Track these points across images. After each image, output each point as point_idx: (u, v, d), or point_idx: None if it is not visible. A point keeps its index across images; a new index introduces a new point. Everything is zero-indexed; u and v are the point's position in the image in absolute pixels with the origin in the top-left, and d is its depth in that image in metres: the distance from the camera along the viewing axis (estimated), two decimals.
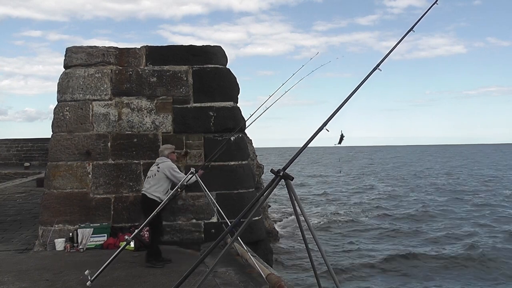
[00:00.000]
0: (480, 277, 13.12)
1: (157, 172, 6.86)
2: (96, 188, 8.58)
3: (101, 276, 5.71)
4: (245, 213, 3.39)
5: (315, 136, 3.30)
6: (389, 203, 28.68)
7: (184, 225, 8.61)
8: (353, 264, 14.17)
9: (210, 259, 5.31)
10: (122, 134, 8.76)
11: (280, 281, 5.02)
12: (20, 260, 7.36)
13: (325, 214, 24.20)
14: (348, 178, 50.72)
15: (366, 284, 12.32)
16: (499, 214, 23.53)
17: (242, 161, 9.06)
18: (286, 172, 3.18)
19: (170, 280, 5.78)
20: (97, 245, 8.09)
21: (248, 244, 7.27)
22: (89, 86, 8.76)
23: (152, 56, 8.95)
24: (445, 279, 12.79)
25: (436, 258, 14.87)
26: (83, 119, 8.71)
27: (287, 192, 3.25)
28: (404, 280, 12.61)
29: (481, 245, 16.26)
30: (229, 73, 9.24)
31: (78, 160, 8.61)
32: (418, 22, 3.89)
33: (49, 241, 8.12)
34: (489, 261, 14.53)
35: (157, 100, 8.85)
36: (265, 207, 16.36)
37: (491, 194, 32.07)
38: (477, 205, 26.84)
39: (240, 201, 8.63)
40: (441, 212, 24.61)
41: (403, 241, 17.59)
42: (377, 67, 3.53)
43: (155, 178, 6.84)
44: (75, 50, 8.87)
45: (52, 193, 8.54)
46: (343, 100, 3.45)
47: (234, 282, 5.83)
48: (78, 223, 8.35)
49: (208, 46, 9.18)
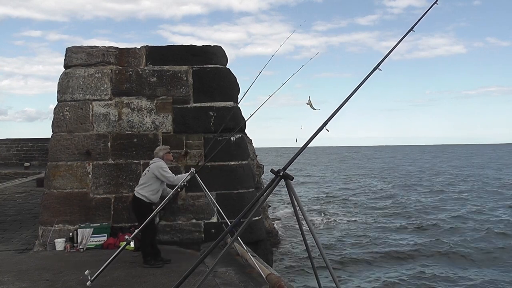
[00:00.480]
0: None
1: (147, 172, 6.90)
2: (96, 188, 8.58)
3: (101, 276, 5.71)
4: (245, 213, 3.38)
5: (315, 136, 3.30)
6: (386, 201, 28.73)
7: (184, 225, 8.61)
8: (353, 264, 14.19)
9: (210, 259, 5.31)
10: (122, 134, 8.76)
11: (280, 281, 5.02)
12: (20, 260, 7.36)
13: (325, 214, 24.22)
14: (342, 178, 50.75)
15: (366, 283, 12.32)
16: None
17: (242, 161, 9.06)
18: (286, 172, 3.18)
19: (170, 280, 5.77)
20: (97, 245, 8.09)
21: (248, 244, 7.27)
22: (89, 86, 8.76)
23: (152, 56, 8.95)
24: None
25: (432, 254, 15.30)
26: (83, 119, 8.71)
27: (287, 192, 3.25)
28: (403, 281, 12.61)
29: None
30: (229, 73, 9.24)
31: (78, 160, 8.61)
32: (418, 22, 3.89)
33: (49, 241, 8.12)
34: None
35: (157, 100, 8.85)
36: (265, 207, 16.36)
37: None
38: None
39: (240, 201, 8.63)
40: (416, 208, 25.75)
41: (403, 239, 17.60)
42: (377, 67, 3.53)
43: (145, 177, 6.89)
44: (75, 50, 8.87)
45: (52, 193, 8.54)
46: (343, 100, 3.45)
47: (234, 282, 5.82)
48: (78, 223, 8.35)
49: (208, 46, 9.18)
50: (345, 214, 24.27)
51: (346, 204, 28.82)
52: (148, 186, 6.77)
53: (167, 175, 6.77)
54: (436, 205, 27.14)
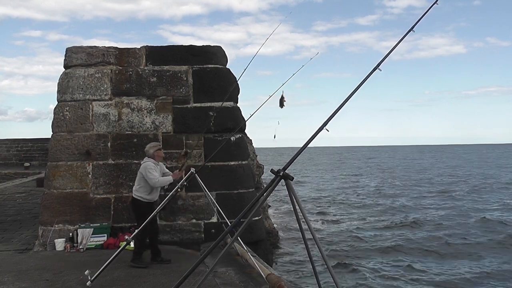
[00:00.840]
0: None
1: (139, 172, 6.91)
2: (96, 188, 8.58)
3: (101, 276, 5.71)
4: (245, 213, 3.39)
5: (315, 136, 3.30)
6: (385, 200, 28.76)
7: (184, 225, 8.61)
8: (352, 264, 14.18)
9: (210, 259, 5.32)
10: (122, 134, 8.76)
11: (280, 281, 5.02)
12: (20, 260, 7.36)
13: (325, 213, 24.24)
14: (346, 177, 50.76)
15: (366, 282, 12.32)
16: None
17: (242, 161, 9.06)
18: (286, 172, 3.18)
19: (170, 280, 5.78)
20: (97, 245, 8.09)
21: (248, 244, 7.27)
22: (89, 86, 8.76)
23: (152, 56, 8.95)
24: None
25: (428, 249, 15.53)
26: (83, 119, 8.71)
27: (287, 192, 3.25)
28: (404, 279, 12.61)
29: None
30: (229, 73, 9.24)
31: (78, 160, 8.61)
32: (418, 22, 3.88)
33: (49, 241, 8.12)
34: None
35: (157, 100, 8.85)
36: (265, 207, 16.36)
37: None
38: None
39: (240, 201, 8.63)
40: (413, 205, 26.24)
41: (402, 240, 17.61)
42: (377, 67, 3.53)
43: (137, 178, 6.94)
44: (75, 50, 8.87)
45: (52, 193, 8.54)
46: (343, 100, 3.45)
47: (234, 282, 5.83)
48: (78, 223, 8.35)
49: (208, 46, 9.18)
50: (345, 214, 24.27)
51: (346, 204, 28.81)
52: (142, 187, 6.79)
53: (150, 177, 6.67)
54: (435, 204, 27.19)
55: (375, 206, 27.32)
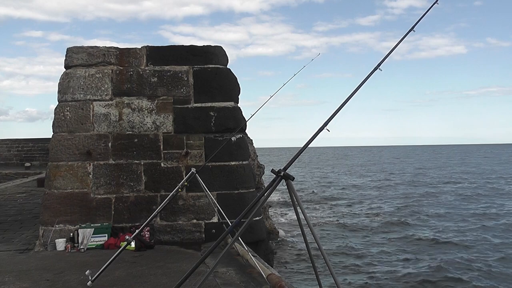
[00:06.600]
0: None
1: None
2: (96, 188, 8.59)
3: (101, 276, 5.71)
4: (246, 213, 3.39)
5: (316, 136, 3.30)
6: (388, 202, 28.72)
7: (184, 225, 8.62)
8: (352, 263, 14.18)
9: (211, 259, 5.32)
10: (122, 134, 8.76)
11: (280, 281, 5.02)
12: (21, 260, 7.36)
13: (325, 213, 24.21)
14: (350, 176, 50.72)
15: (366, 283, 12.32)
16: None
17: (243, 161, 9.06)
18: (286, 172, 3.18)
19: (171, 280, 5.78)
20: (98, 245, 8.09)
21: (249, 244, 7.26)
22: (90, 86, 8.76)
23: (153, 56, 8.95)
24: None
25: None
26: (84, 119, 8.72)
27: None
28: (403, 279, 12.60)
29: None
30: (229, 73, 9.24)
31: (79, 160, 8.61)
32: (419, 22, 3.89)
33: (49, 241, 8.12)
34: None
35: (158, 100, 8.86)
36: (266, 207, 16.36)
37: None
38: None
39: (241, 201, 8.63)
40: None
41: (401, 236, 17.61)
42: (377, 67, 3.53)
43: None
44: (76, 50, 8.87)
45: (53, 193, 8.55)
46: (344, 100, 3.45)
47: (235, 282, 5.82)
48: (79, 223, 8.35)
49: (209, 46, 9.18)
50: (345, 214, 24.25)
51: (345, 204, 28.79)
52: None
53: None
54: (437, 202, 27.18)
55: (376, 206, 27.25)
